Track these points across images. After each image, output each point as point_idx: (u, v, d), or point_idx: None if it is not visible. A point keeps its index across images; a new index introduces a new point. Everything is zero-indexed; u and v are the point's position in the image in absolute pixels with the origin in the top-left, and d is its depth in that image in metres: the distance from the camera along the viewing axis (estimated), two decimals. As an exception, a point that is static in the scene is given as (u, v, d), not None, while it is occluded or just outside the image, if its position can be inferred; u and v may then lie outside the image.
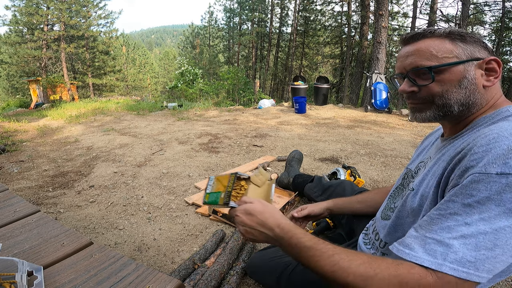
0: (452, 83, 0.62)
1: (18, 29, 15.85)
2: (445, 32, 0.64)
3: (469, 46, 0.62)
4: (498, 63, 0.61)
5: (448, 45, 0.63)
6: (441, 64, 0.61)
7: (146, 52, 35.18)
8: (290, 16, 19.78)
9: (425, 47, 0.64)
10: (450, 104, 0.63)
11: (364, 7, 11.88)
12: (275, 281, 0.91)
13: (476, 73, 0.62)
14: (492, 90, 0.63)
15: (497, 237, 0.43)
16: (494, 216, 0.44)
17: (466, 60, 0.61)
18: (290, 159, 2.14)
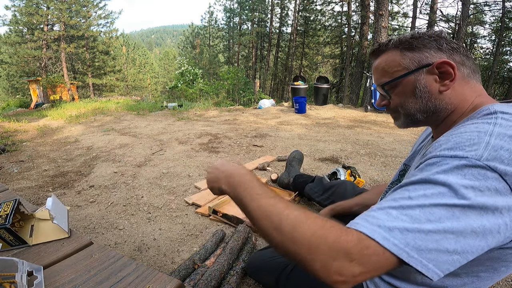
0: (406, 94, 0.64)
1: (18, 29, 15.85)
2: (395, 43, 0.65)
3: (417, 53, 0.62)
4: (451, 65, 0.59)
5: (397, 57, 0.64)
6: (391, 79, 0.64)
7: (146, 52, 35.20)
8: (290, 16, 19.79)
9: (380, 63, 0.67)
10: (411, 113, 0.65)
11: (364, 7, 11.88)
12: (274, 281, 0.92)
13: (428, 80, 0.61)
14: (458, 92, 0.61)
15: (432, 212, 0.42)
16: (436, 194, 0.43)
17: (413, 71, 0.62)
18: (291, 159, 2.14)
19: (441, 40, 0.62)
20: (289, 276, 0.88)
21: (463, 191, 0.41)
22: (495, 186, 0.41)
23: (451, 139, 0.49)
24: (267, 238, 0.51)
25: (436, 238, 0.40)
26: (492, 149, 0.44)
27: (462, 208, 0.41)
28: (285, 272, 0.89)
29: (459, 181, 0.42)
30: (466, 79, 0.62)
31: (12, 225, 0.72)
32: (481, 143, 0.45)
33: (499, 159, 0.42)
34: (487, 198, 0.41)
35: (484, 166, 0.42)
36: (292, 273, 0.87)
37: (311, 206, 1.75)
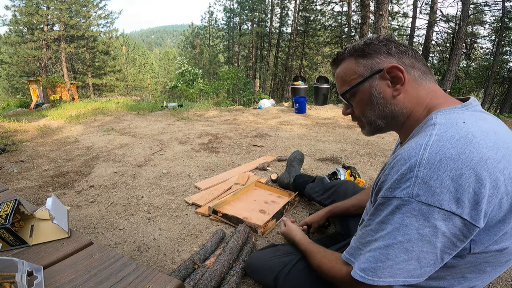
0: (364, 102, 0.66)
1: (18, 29, 15.85)
2: (350, 51, 0.67)
3: (369, 59, 0.64)
4: (399, 69, 0.60)
5: (352, 65, 0.66)
6: (349, 88, 0.67)
7: (146, 52, 35.19)
8: (290, 16, 19.78)
9: (339, 72, 0.70)
10: (372, 120, 0.67)
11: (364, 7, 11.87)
12: (272, 281, 0.93)
13: (381, 85, 0.63)
14: (411, 95, 0.62)
15: (388, 252, 0.52)
16: (387, 234, 0.52)
17: (367, 77, 0.64)
18: (292, 159, 2.14)
19: (390, 44, 0.64)
20: (287, 276, 0.89)
21: (406, 229, 0.50)
22: (433, 217, 0.47)
23: (392, 174, 0.53)
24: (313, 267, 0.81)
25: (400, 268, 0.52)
26: (422, 183, 0.48)
27: (411, 242, 0.50)
28: (283, 272, 0.90)
29: (401, 221, 0.50)
30: (418, 81, 0.63)
31: (12, 225, 0.72)
32: (411, 178, 0.49)
33: (430, 191, 0.47)
34: (428, 229, 0.48)
35: (417, 202, 0.48)
36: (290, 273, 0.89)
37: (311, 206, 1.75)
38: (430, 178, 0.47)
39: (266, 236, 1.44)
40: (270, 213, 1.57)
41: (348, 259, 0.61)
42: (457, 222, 0.47)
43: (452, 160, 0.47)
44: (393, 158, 0.55)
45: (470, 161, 0.46)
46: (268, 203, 1.74)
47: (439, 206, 0.47)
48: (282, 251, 0.99)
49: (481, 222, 0.47)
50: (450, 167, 0.46)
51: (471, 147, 0.47)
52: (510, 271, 1.16)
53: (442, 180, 0.46)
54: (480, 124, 0.52)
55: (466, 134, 0.49)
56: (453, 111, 0.57)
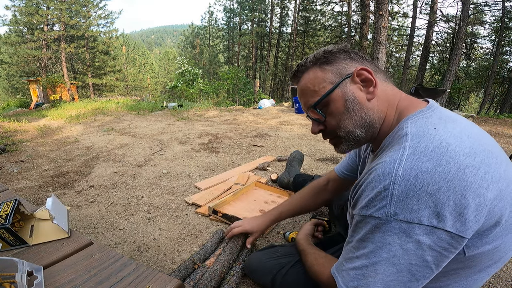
0: (339, 111, 0.61)
1: (18, 29, 15.85)
2: (312, 60, 0.64)
3: (335, 65, 0.61)
4: (367, 71, 0.59)
5: (319, 73, 0.62)
6: (321, 96, 0.61)
7: (146, 52, 35.20)
8: (290, 16, 19.79)
9: (305, 84, 0.65)
10: (350, 131, 0.62)
11: (364, 7, 11.88)
12: (270, 281, 0.93)
13: (353, 90, 0.60)
14: (382, 98, 0.60)
15: (376, 268, 0.51)
16: (370, 252, 0.51)
17: (338, 83, 0.60)
18: (291, 159, 2.14)
19: (350, 52, 0.63)
20: (284, 278, 0.90)
21: (389, 247, 0.49)
22: (415, 233, 0.46)
23: (366, 191, 0.51)
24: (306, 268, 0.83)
25: (394, 281, 0.51)
26: (398, 201, 0.46)
27: (399, 257, 0.49)
28: (281, 273, 0.91)
29: (383, 239, 0.49)
30: (385, 83, 0.62)
31: (12, 225, 0.72)
32: (387, 197, 0.47)
33: (407, 209, 0.46)
34: (412, 245, 0.47)
35: (396, 221, 0.47)
36: (287, 275, 0.90)
37: (311, 206, 1.75)
38: (406, 196, 0.45)
39: (266, 236, 1.44)
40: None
41: (333, 274, 0.61)
42: (442, 236, 0.46)
43: (428, 174, 0.45)
44: (368, 173, 0.53)
45: (447, 173, 0.44)
46: (268, 203, 1.74)
47: (419, 223, 0.45)
48: (280, 252, 1.00)
49: (469, 232, 0.46)
50: (426, 182, 0.45)
51: (447, 157, 0.45)
52: (511, 271, 1.16)
53: (419, 197, 0.45)
54: (450, 128, 0.50)
55: (440, 142, 0.47)
56: (421, 115, 0.55)
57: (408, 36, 13.76)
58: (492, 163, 0.47)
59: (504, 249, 0.53)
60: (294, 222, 1.58)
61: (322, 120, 0.64)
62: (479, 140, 0.50)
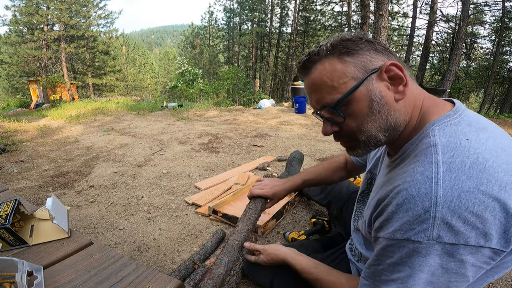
0: (363, 112, 0.52)
1: (18, 29, 15.85)
2: (328, 48, 0.53)
3: (358, 57, 0.52)
4: (398, 66, 0.51)
5: (338, 65, 0.52)
6: (343, 95, 0.52)
7: (146, 52, 35.19)
8: (290, 16, 19.79)
9: (319, 77, 0.54)
10: (372, 135, 0.54)
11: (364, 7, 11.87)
12: (268, 282, 0.93)
13: (380, 88, 0.51)
14: (410, 99, 0.53)
15: (413, 281, 0.48)
16: (407, 277, 0.48)
17: (363, 79, 0.51)
18: (291, 159, 2.14)
19: (372, 41, 0.53)
20: (283, 278, 0.89)
21: (428, 268, 0.46)
22: (459, 253, 0.44)
23: (398, 212, 0.46)
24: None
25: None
26: (442, 224, 0.43)
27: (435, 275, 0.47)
28: (279, 275, 0.91)
29: (423, 262, 0.46)
30: (411, 81, 0.54)
31: (12, 225, 0.72)
32: (428, 220, 0.43)
33: (453, 232, 0.42)
34: (455, 264, 0.44)
35: (441, 243, 0.43)
36: (286, 276, 0.89)
37: (311, 206, 1.75)
38: (451, 218, 0.42)
39: (266, 236, 1.44)
40: (270, 213, 1.57)
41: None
42: (486, 253, 0.44)
43: (471, 194, 0.42)
44: (395, 191, 0.48)
45: (491, 192, 0.42)
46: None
47: (465, 244, 0.43)
48: None
49: (510, 246, 0.44)
50: (471, 202, 0.42)
51: (487, 175, 0.43)
52: (511, 271, 1.16)
53: (465, 218, 0.42)
54: (483, 139, 0.46)
55: (477, 158, 0.44)
56: (448, 121, 0.50)
57: (408, 36, 13.77)
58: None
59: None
60: (294, 222, 1.58)
61: (340, 121, 0.55)
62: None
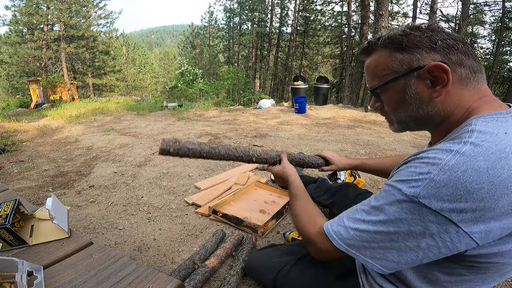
0: (396, 100, 0.60)
1: (18, 29, 15.83)
2: (385, 41, 0.59)
3: (408, 54, 0.56)
4: (443, 69, 0.52)
5: (386, 58, 0.59)
6: (380, 84, 0.61)
7: (146, 52, 35.17)
8: (290, 16, 19.77)
9: (370, 64, 0.63)
10: (402, 120, 0.62)
11: (364, 7, 11.87)
12: (271, 281, 0.92)
13: (418, 85, 0.56)
14: (453, 98, 0.55)
15: (376, 237, 0.53)
16: (379, 222, 0.53)
17: (403, 75, 0.57)
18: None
19: (435, 35, 0.55)
20: (286, 277, 0.88)
21: (398, 223, 0.50)
22: (429, 219, 0.47)
23: (410, 168, 0.51)
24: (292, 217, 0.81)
25: (381, 252, 0.53)
26: (433, 187, 0.45)
27: (398, 234, 0.50)
28: (282, 273, 0.89)
29: (396, 214, 0.50)
30: (464, 81, 0.55)
31: (12, 225, 0.72)
32: (425, 180, 0.47)
33: (436, 197, 0.45)
34: (420, 227, 0.48)
35: (419, 203, 0.47)
36: (289, 273, 0.87)
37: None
38: (444, 185, 0.44)
39: (266, 236, 1.44)
40: (270, 213, 1.57)
41: (327, 228, 0.63)
42: (451, 230, 0.46)
43: (477, 173, 0.43)
44: (422, 152, 0.52)
45: (497, 177, 0.42)
46: (268, 203, 1.74)
47: (439, 212, 0.45)
48: (282, 251, 0.98)
49: (483, 240, 0.46)
50: (471, 179, 0.43)
51: (504, 163, 0.43)
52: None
53: (456, 189, 0.44)
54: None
55: (504, 147, 0.44)
56: (496, 117, 0.50)
57: (408, 36, 13.74)
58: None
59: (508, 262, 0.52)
60: (294, 222, 1.58)
61: (379, 101, 0.65)
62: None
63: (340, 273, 0.79)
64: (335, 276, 0.79)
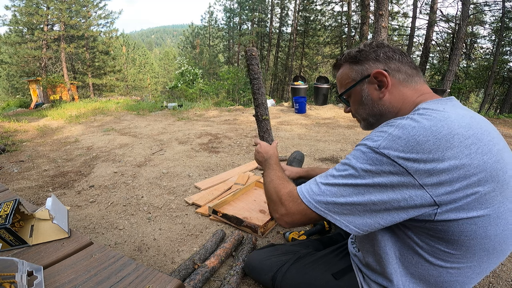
0: (357, 102, 0.76)
1: (18, 29, 15.82)
2: (346, 58, 0.76)
3: (360, 65, 0.73)
4: (383, 74, 0.68)
5: (348, 70, 0.76)
6: (344, 90, 0.77)
7: (146, 52, 35.12)
8: (290, 16, 19.78)
9: (338, 76, 0.80)
10: (364, 117, 0.76)
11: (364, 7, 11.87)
12: (270, 279, 0.93)
13: (369, 88, 0.72)
14: (397, 96, 0.69)
15: (345, 189, 0.59)
16: (347, 175, 0.59)
17: (358, 81, 0.73)
18: (292, 159, 2.13)
19: (379, 50, 0.71)
20: (284, 275, 0.90)
21: (363, 174, 0.57)
22: (389, 169, 0.54)
23: (373, 132, 0.61)
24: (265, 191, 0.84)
25: (348, 208, 0.59)
26: (391, 139, 0.55)
27: (364, 186, 0.56)
28: (281, 271, 0.91)
29: (361, 165, 0.57)
30: (404, 83, 0.69)
31: (12, 225, 0.72)
32: (384, 134, 0.56)
33: (393, 147, 0.54)
34: (382, 179, 0.55)
35: (380, 153, 0.55)
36: (288, 272, 0.90)
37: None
38: (399, 137, 0.54)
39: (266, 236, 1.44)
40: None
41: (299, 188, 0.68)
42: (407, 182, 0.52)
43: (423, 129, 0.53)
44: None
45: (439, 132, 0.52)
46: (268, 203, 1.74)
47: (396, 161, 0.53)
48: (281, 250, 1.00)
49: (429, 181, 0.51)
50: (419, 133, 0.53)
51: (443, 123, 0.53)
52: (511, 271, 1.16)
53: (408, 140, 0.53)
54: (458, 110, 0.59)
55: (443, 114, 0.56)
56: (437, 101, 0.64)
57: (408, 36, 13.76)
58: (485, 139, 0.54)
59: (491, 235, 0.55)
60: (294, 222, 1.58)
61: (348, 105, 0.81)
62: (480, 122, 0.57)
63: (338, 271, 0.80)
64: (333, 274, 0.80)
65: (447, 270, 0.60)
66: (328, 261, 0.87)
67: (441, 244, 0.58)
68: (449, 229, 0.55)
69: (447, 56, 12.68)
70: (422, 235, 0.59)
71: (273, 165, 0.91)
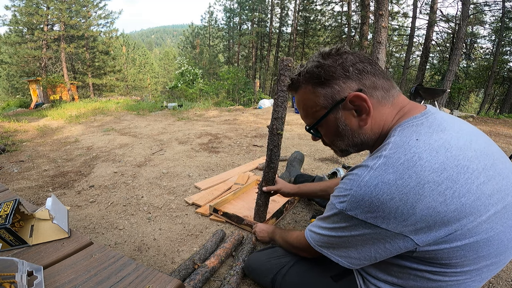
0: (332, 133, 0.66)
1: (18, 29, 15.83)
2: (305, 78, 0.63)
3: (327, 88, 0.60)
4: (363, 98, 0.57)
5: (312, 95, 0.63)
6: (315, 122, 0.66)
7: (146, 52, 35.12)
8: (290, 16, 19.79)
9: (301, 100, 0.67)
10: (343, 149, 0.68)
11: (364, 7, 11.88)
12: (270, 281, 0.94)
13: (346, 116, 0.61)
14: (377, 120, 0.60)
15: (332, 240, 0.64)
16: (326, 228, 0.65)
17: (330, 109, 0.61)
18: (292, 159, 2.14)
19: (345, 62, 0.59)
20: (284, 278, 0.90)
21: (342, 229, 0.59)
22: (362, 226, 0.55)
23: (341, 184, 0.60)
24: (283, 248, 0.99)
25: (344, 251, 0.63)
26: (354, 201, 0.54)
27: (347, 238, 0.60)
28: (281, 274, 0.91)
29: (338, 223, 0.60)
30: (382, 102, 0.60)
31: (12, 225, 0.72)
32: (348, 195, 0.55)
33: (359, 209, 0.53)
34: (359, 232, 0.56)
35: (349, 215, 0.56)
36: (287, 274, 0.90)
37: (311, 206, 1.75)
38: (362, 199, 0.52)
39: (266, 236, 1.44)
40: (270, 211, 1.57)
41: (306, 235, 0.76)
42: (382, 233, 0.53)
43: (387, 185, 0.50)
44: (352, 169, 0.60)
45: (405, 186, 0.48)
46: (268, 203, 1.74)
47: (365, 220, 0.53)
48: (281, 252, 1.00)
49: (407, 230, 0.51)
50: (382, 192, 0.50)
51: (411, 171, 0.49)
52: (511, 271, 1.16)
53: (371, 202, 0.51)
54: (434, 140, 0.51)
55: (412, 156, 0.50)
56: (411, 123, 0.56)
57: (408, 36, 13.76)
58: (461, 179, 0.48)
59: (485, 255, 0.53)
60: (294, 222, 1.58)
61: (319, 136, 0.72)
62: (460, 154, 0.50)
63: (337, 273, 0.79)
64: (332, 276, 0.80)
65: (447, 283, 0.58)
66: (327, 264, 0.87)
67: (434, 266, 0.56)
68: (436, 256, 0.54)
69: (447, 56, 12.68)
70: (413, 262, 0.58)
71: (277, 235, 1.07)
